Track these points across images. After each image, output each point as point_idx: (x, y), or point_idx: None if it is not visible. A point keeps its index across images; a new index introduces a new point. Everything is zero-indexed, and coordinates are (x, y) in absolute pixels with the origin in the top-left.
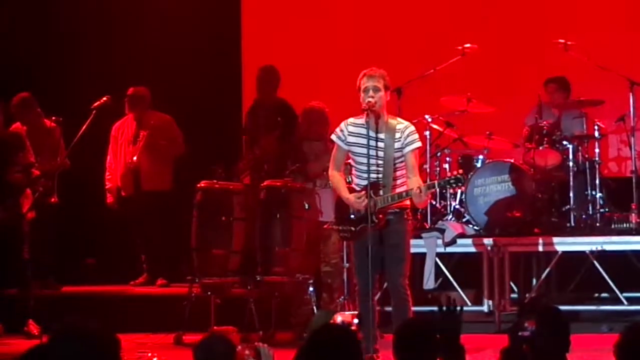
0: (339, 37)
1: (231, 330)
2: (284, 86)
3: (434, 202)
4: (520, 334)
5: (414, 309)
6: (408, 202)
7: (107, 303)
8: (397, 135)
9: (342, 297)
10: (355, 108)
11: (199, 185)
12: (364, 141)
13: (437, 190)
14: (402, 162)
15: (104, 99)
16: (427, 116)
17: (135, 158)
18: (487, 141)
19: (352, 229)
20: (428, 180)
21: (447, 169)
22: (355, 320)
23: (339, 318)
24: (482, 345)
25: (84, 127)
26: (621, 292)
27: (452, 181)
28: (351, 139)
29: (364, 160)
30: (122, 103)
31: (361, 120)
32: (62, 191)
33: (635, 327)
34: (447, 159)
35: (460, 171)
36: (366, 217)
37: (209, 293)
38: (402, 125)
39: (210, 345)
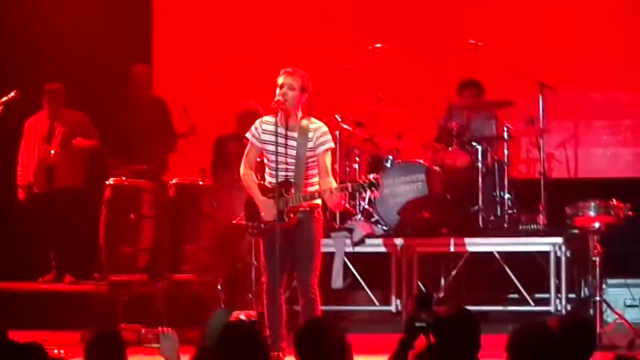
0: (252, 37)
1: (138, 327)
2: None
3: (347, 206)
4: (416, 324)
5: (322, 307)
6: (319, 201)
7: (14, 299)
8: (310, 134)
9: (250, 295)
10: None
11: (108, 182)
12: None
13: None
14: (314, 162)
15: (12, 93)
16: (337, 115)
17: (52, 152)
18: (396, 142)
19: (262, 225)
20: (338, 180)
21: (357, 169)
22: (254, 319)
23: (240, 316)
24: (388, 344)
25: None
26: (528, 293)
27: (366, 186)
28: (264, 137)
29: (275, 158)
30: (30, 98)
31: (274, 119)
32: None
33: (521, 328)
34: (357, 158)
35: (376, 176)
36: (276, 214)
37: (117, 290)
38: (315, 126)
39: (100, 341)
